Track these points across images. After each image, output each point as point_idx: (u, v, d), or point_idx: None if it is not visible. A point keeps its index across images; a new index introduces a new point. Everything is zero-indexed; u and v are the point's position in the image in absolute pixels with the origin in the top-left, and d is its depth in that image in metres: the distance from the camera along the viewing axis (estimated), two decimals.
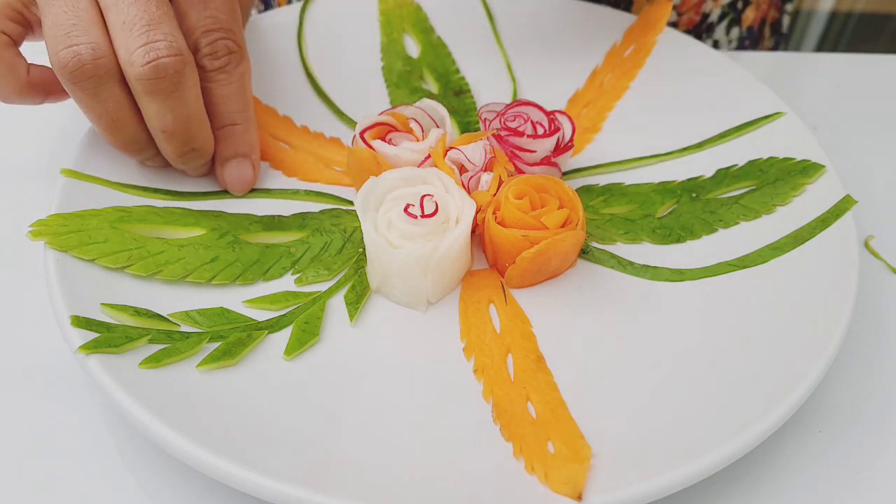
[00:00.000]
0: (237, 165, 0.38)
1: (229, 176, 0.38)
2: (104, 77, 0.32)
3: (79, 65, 0.31)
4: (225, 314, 0.32)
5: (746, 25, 0.60)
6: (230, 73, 0.35)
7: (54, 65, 0.31)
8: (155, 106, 0.33)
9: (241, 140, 0.37)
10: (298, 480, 0.25)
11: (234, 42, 0.35)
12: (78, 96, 0.33)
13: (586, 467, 0.26)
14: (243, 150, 0.38)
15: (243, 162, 0.38)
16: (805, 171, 0.38)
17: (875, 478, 0.31)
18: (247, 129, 0.37)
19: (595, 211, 0.39)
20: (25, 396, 0.32)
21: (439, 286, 0.34)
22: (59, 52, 0.31)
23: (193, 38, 0.34)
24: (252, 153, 0.38)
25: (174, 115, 0.34)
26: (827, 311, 0.32)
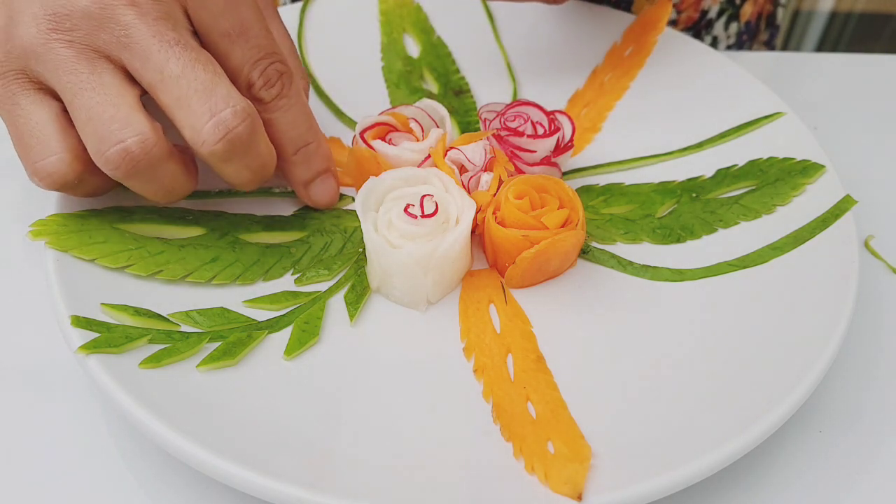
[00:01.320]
0: (322, 183, 0.37)
1: (317, 196, 0.37)
2: (158, 164, 0.30)
3: (132, 163, 0.29)
4: (225, 314, 0.32)
5: (745, 20, 0.60)
6: (289, 97, 0.34)
7: (103, 166, 0.29)
8: (232, 168, 0.32)
9: (319, 156, 0.36)
10: (298, 480, 0.25)
11: (281, 63, 0.33)
12: (131, 184, 0.31)
13: (586, 467, 0.26)
14: (324, 166, 0.36)
15: (327, 178, 0.37)
16: (805, 171, 0.38)
17: (875, 477, 0.31)
18: (319, 144, 0.36)
19: (595, 211, 0.39)
20: (25, 396, 0.32)
21: (439, 286, 0.34)
22: (106, 153, 0.29)
23: (244, 74, 0.32)
24: (331, 165, 0.37)
25: (251, 169, 0.33)
26: (827, 311, 0.32)
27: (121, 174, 0.29)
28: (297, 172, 0.36)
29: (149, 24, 0.29)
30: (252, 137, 0.31)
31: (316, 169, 0.36)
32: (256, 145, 0.32)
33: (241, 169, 0.32)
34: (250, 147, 0.31)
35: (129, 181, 0.30)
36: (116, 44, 0.29)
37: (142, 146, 0.29)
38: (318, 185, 0.37)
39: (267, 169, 0.34)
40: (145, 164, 0.29)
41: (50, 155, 0.30)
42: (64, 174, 0.30)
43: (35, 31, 0.29)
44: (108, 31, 0.29)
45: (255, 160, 0.32)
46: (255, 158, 0.32)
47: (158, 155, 0.30)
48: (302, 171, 0.36)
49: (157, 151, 0.29)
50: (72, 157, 0.30)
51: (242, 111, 0.30)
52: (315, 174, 0.36)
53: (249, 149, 0.31)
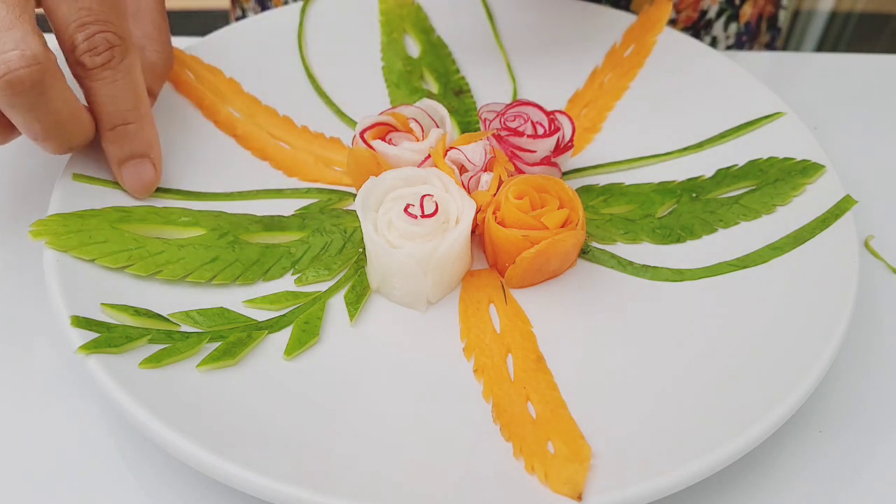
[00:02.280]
0: (136, 167, 0.35)
1: (129, 179, 0.35)
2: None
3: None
4: (225, 314, 0.32)
5: (744, 21, 0.60)
6: (115, 69, 0.32)
7: None
8: (20, 118, 0.31)
9: (137, 139, 0.34)
10: (298, 480, 0.25)
11: (114, 34, 0.32)
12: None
13: (586, 467, 0.26)
14: (140, 150, 0.35)
15: (142, 162, 0.35)
16: (805, 171, 0.38)
17: (874, 477, 0.31)
18: (141, 126, 0.34)
19: (595, 211, 0.39)
20: (25, 397, 0.32)
21: (439, 286, 0.34)
22: None
23: (68, 34, 0.31)
24: (150, 151, 0.35)
25: (42, 124, 0.31)
26: (827, 311, 0.32)
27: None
28: (111, 150, 0.35)
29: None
30: (37, 87, 0.29)
31: (130, 151, 0.35)
32: (46, 98, 0.30)
33: (31, 120, 0.31)
34: (38, 97, 0.30)
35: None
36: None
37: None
38: (130, 167, 0.35)
39: (65, 128, 0.32)
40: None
41: None
42: None
43: None
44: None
45: (45, 114, 0.31)
46: (45, 112, 0.31)
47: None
48: (115, 149, 0.35)
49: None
50: None
51: (32, 56, 0.29)
52: (128, 156, 0.35)
53: (37, 99, 0.30)
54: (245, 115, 0.42)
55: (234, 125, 0.41)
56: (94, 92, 0.33)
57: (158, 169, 0.36)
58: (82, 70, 0.32)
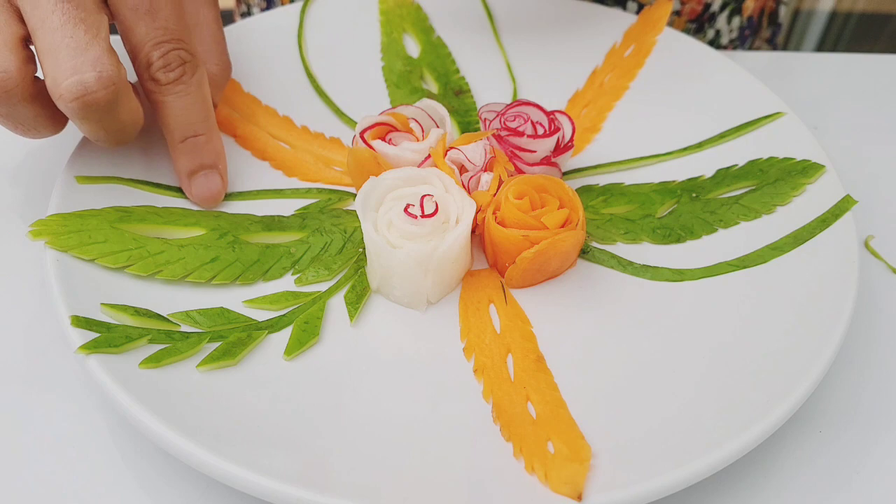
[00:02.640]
0: (205, 178, 0.36)
1: (198, 190, 0.37)
2: (16, 104, 0.31)
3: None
4: (225, 314, 0.32)
5: (747, 15, 0.60)
6: (187, 84, 0.34)
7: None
8: (86, 127, 0.32)
9: (206, 151, 0.36)
10: (298, 480, 0.25)
11: (186, 52, 0.34)
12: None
13: (586, 467, 0.26)
14: (209, 161, 0.36)
15: (211, 174, 0.37)
16: (805, 171, 0.38)
17: (874, 477, 0.31)
18: (210, 138, 0.36)
19: (595, 211, 0.39)
20: (25, 396, 0.32)
21: (439, 286, 0.34)
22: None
23: (144, 53, 0.33)
24: (219, 162, 0.37)
25: (107, 132, 0.33)
26: (827, 311, 0.32)
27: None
28: (181, 161, 0.36)
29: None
30: (110, 106, 0.31)
31: (200, 161, 0.36)
32: (116, 113, 0.32)
33: (97, 129, 0.33)
34: (108, 113, 0.31)
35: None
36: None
37: (2, 83, 0.30)
38: (200, 178, 0.36)
39: (127, 133, 0.34)
40: (4, 99, 0.30)
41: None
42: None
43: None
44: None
45: (111, 124, 0.32)
46: (111, 123, 0.32)
47: (19, 95, 0.31)
48: (186, 160, 0.36)
49: (18, 92, 0.30)
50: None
51: (107, 78, 0.30)
52: (199, 166, 0.36)
53: (107, 115, 0.31)
54: (245, 115, 0.42)
55: (234, 125, 0.41)
56: (167, 106, 0.34)
57: (225, 179, 0.37)
58: (155, 85, 0.34)
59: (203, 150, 0.36)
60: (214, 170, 0.37)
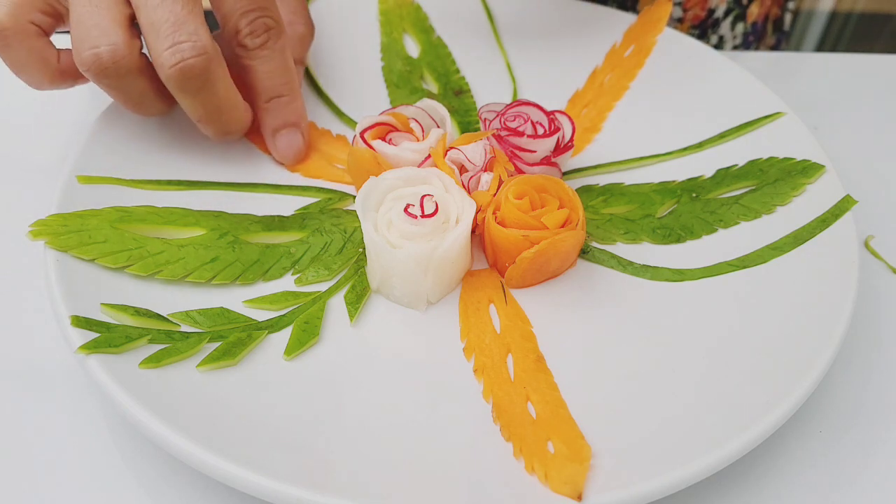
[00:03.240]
0: (287, 135, 0.39)
1: (281, 146, 0.39)
2: (125, 75, 0.33)
3: (99, 66, 0.33)
4: (225, 314, 0.32)
5: (751, 21, 0.60)
6: (272, 49, 0.36)
7: (77, 63, 0.33)
8: (187, 101, 0.35)
9: (289, 110, 0.39)
10: (298, 480, 0.25)
11: (271, 19, 0.36)
12: (102, 87, 0.34)
13: (586, 467, 0.26)
14: (293, 120, 0.39)
15: (293, 132, 0.39)
16: (805, 171, 0.38)
17: (875, 478, 0.31)
18: (293, 99, 0.39)
19: (595, 211, 0.39)
20: (25, 396, 0.32)
21: (439, 286, 0.34)
22: (82, 53, 0.33)
23: (233, 22, 0.35)
24: (301, 122, 0.39)
25: (205, 108, 0.35)
26: (827, 311, 0.32)
27: (90, 75, 0.33)
28: (267, 119, 0.39)
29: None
30: (206, 73, 0.33)
31: (284, 119, 0.39)
32: (212, 84, 0.34)
33: (197, 104, 0.35)
34: (205, 83, 0.34)
35: (97, 83, 0.34)
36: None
37: (112, 55, 0.33)
38: (283, 135, 0.39)
39: (225, 114, 0.36)
40: (113, 71, 0.33)
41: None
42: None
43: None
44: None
45: (210, 99, 0.35)
46: (210, 97, 0.35)
47: (127, 67, 0.33)
48: (270, 118, 0.39)
49: (126, 63, 0.33)
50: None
51: (201, 47, 0.33)
52: (283, 124, 0.39)
53: (204, 85, 0.34)
54: None
55: None
56: (254, 69, 0.37)
57: (307, 138, 0.40)
58: (243, 51, 0.36)
59: (286, 109, 0.39)
60: (297, 128, 0.39)
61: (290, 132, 0.39)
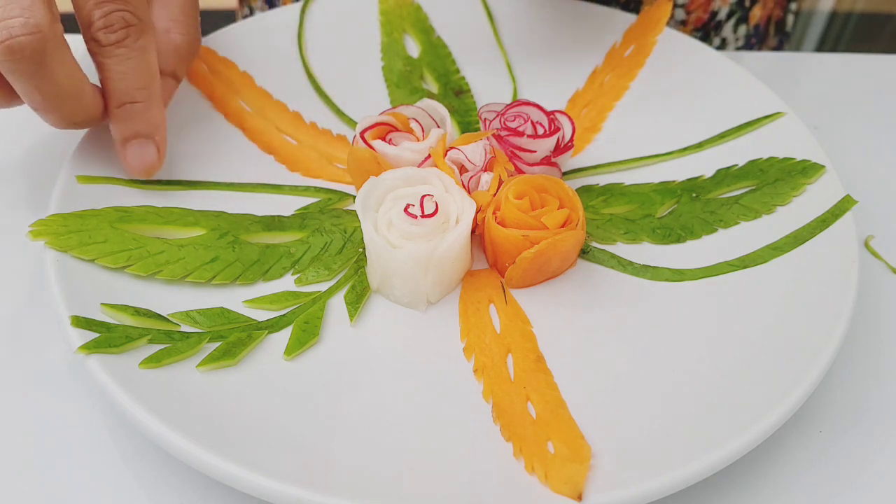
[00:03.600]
0: (139, 146, 0.35)
1: (130, 159, 0.35)
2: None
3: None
4: (225, 314, 0.32)
5: (753, 23, 0.60)
6: (129, 48, 0.32)
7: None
8: (20, 86, 0.31)
9: (142, 119, 0.34)
10: (298, 480, 0.25)
11: (132, 14, 0.32)
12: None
13: (586, 467, 0.26)
14: (145, 130, 0.35)
15: (145, 143, 0.35)
16: (805, 171, 0.38)
17: (875, 478, 0.31)
18: (149, 107, 0.34)
19: (595, 211, 0.39)
20: (25, 396, 0.32)
21: (439, 286, 0.34)
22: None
23: (86, 10, 0.32)
24: (155, 133, 0.35)
25: (42, 94, 0.31)
26: (827, 311, 0.32)
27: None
28: (116, 127, 0.35)
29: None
30: (38, 55, 0.29)
31: (135, 130, 0.35)
32: (47, 67, 0.30)
33: (31, 89, 0.31)
34: (38, 66, 0.30)
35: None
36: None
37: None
38: (133, 147, 0.35)
39: (66, 101, 0.32)
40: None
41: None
42: None
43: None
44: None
45: (46, 84, 0.31)
46: (46, 82, 0.31)
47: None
48: (120, 126, 0.35)
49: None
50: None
51: (34, 24, 0.29)
52: (133, 134, 0.35)
53: (38, 69, 0.30)
54: (255, 108, 0.42)
55: (244, 118, 0.41)
56: (106, 68, 0.33)
57: (162, 152, 0.36)
58: (96, 46, 0.32)
59: (139, 118, 0.34)
60: (150, 140, 0.35)
61: (142, 143, 0.35)
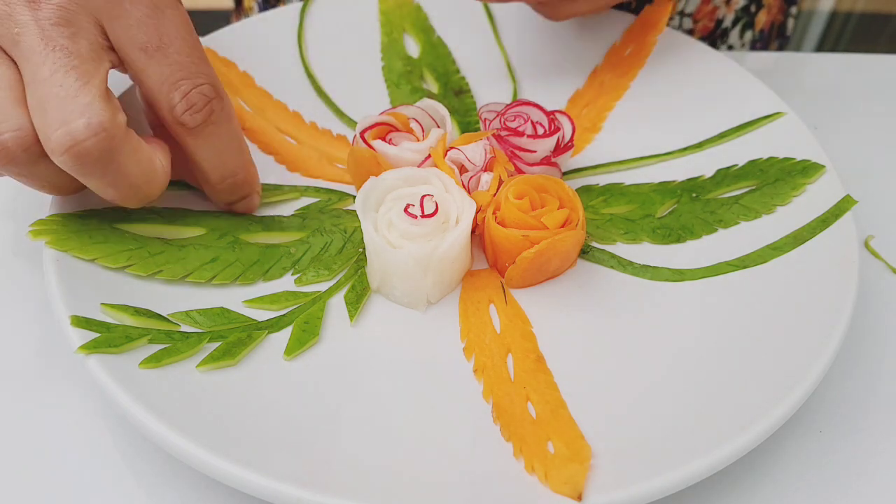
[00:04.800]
0: (245, 204, 0.36)
1: (237, 210, 0.36)
2: (37, 161, 0.29)
3: (7, 156, 0.28)
4: (225, 314, 0.32)
5: (759, 28, 0.60)
6: (217, 124, 0.32)
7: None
8: (92, 185, 0.30)
9: (245, 185, 0.35)
10: (298, 480, 0.25)
11: (209, 86, 0.31)
12: (11, 176, 0.30)
13: (586, 467, 0.26)
14: (248, 192, 0.36)
15: (250, 199, 0.36)
16: (805, 171, 0.38)
17: (875, 478, 0.31)
18: (247, 171, 0.35)
19: (595, 211, 0.39)
20: (25, 396, 0.32)
21: (439, 286, 0.34)
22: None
23: (164, 96, 0.30)
24: (256, 187, 0.36)
25: (116, 188, 0.30)
26: (827, 311, 0.32)
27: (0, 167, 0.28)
28: (222, 198, 0.35)
29: (42, 27, 0.28)
30: (106, 155, 0.28)
31: (240, 195, 0.35)
32: (117, 164, 0.29)
33: (104, 186, 0.30)
34: (108, 165, 0.29)
35: (8, 174, 0.29)
36: (10, 40, 0.28)
37: (19, 142, 0.28)
38: (239, 206, 0.36)
39: (142, 189, 0.31)
40: (23, 159, 0.28)
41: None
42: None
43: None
44: (5, 26, 0.28)
45: (119, 179, 0.29)
46: (118, 177, 0.29)
47: (38, 153, 0.28)
48: (226, 197, 0.35)
49: (37, 150, 0.28)
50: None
51: (98, 125, 0.27)
52: (239, 199, 0.36)
53: (107, 166, 0.29)
54: (255, 108, 0.42)
55: (244, 118, 0.41)
56: (200, 149, 0.32)
57: (260, 194, 0.37)
58: (184, 130, 0.31)
59: (243, 186, 0.35)
60: (254, 195, 0.36)
61: (248, 201, 0.36)
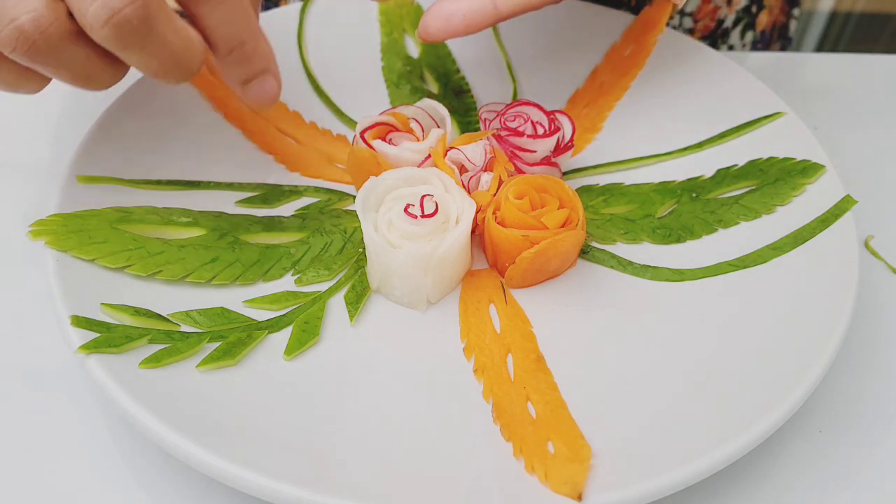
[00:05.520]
0: (260, 84, 0.34)
1: (254, 97, 0.34)
2: (57, 44, 0.28)
3: (26, 42, 0.27)
4: (225, 314, 0.32)
5: (760, 29, 0.60)
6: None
7: (2, 48, 0.27)
8: (134, 58, 0.29)
9: (257, 57, 0.33)
10: (298, 480, 0.25)
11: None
12: (37, 67, 0.29)
13: (586, 467, 0.26)
14: (262, 67, 0.34)
15: (265, 79, 0.34)
16: (805, 171, 0.38)
17: (875, 477, 0.31)
18: (256, 42, 0.33)
19: (595, 211, 0.39)
20: (25, 396, 0.32)
21: (439, 286, 0.34)
22: (1, 33, 0.27)
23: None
24: (270, 65, 0.34)
25: (158, 59, 0.29)
26: (827, 311, 0.32)
27: (19, 56, 0.27)
28: (233, 72, 0.33)
29: None
30: (146, 23, 0.28)
31: (252, 70, 0.34)
32: (157, 33, 0.28)
33: (146, 58, 0.29)
34: (148, 34, 0.28)
35: (33, 64, 0.28)
36: None
37: (36, 25, 0.27)
38: (255, 85, 0.34)
39: (183, 60, 0.30)
40: (43, 43, 0.27)
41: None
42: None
43: None
44: None
45: (160, 49, 0.29)
46: (159, 47, 0.29)
47: (57, 34, 0.27)
48: (237, 71, 0.33)
49: (56, 30, 0.27)
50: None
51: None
52: (252, 75, 0.34)
53: (148, 36, 0.28)
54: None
55: (244, 118, 0.41)
56: (204, 17, 0.31)
57: (279, 79, 0.35)
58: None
59: (253, 57, 0.33)
60: (268, 73, 0.34)
61: (262, 80, 0.34)
